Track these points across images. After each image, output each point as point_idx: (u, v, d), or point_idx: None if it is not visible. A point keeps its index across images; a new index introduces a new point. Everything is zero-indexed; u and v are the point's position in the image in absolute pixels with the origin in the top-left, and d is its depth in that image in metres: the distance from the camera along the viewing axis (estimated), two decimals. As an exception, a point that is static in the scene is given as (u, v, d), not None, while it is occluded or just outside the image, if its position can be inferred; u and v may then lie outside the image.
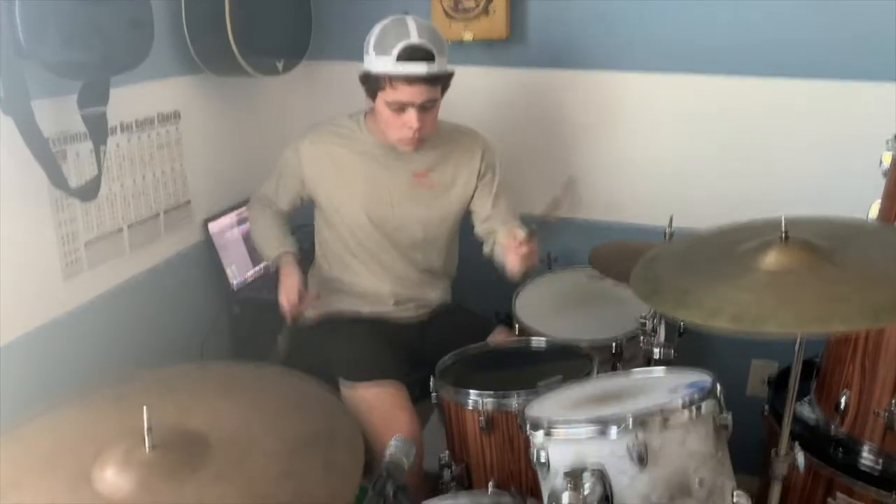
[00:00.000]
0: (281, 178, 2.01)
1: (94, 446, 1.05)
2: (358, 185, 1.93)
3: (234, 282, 2.28)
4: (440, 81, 1.79)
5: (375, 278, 2.00)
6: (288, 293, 1.87)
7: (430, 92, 1.77)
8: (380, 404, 1.80)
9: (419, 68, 1.72)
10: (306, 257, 2.12)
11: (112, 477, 1.01)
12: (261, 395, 1.26)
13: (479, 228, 2.02)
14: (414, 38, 1.72)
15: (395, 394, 1.82)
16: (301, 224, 2.16)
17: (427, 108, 1.79)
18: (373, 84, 1.79)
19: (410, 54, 1.71)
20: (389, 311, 2.04)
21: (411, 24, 1.74)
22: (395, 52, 1.71)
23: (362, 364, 1.87)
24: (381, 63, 1.74)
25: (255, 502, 1.00)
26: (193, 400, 1.18)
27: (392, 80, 1.74)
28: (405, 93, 1.75)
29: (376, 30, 1.77)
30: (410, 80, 1.73)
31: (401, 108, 1.78)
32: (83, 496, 0.98)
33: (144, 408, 1.00)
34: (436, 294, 2.08)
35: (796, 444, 1.39)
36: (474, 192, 2.01)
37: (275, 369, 1.62)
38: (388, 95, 1.77)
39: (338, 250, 2.01)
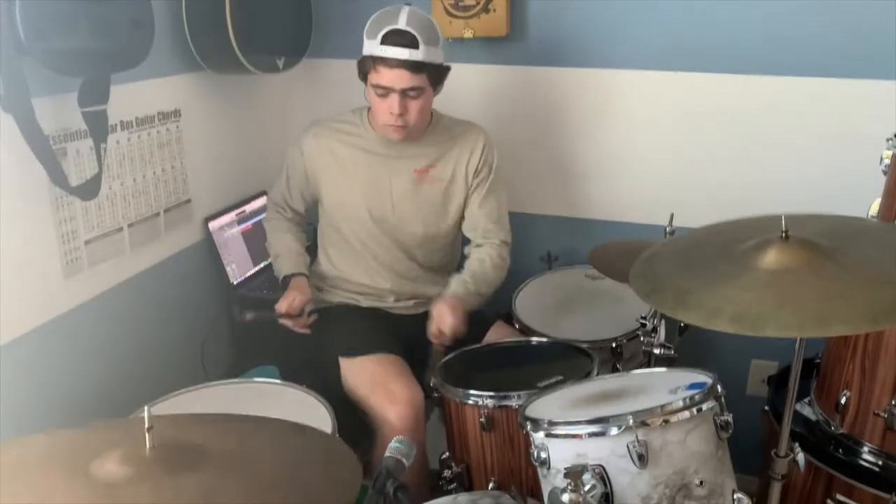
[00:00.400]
0: (290, 177, 2.03)
1: (90, 450, 1.04)
2: (359, 181, 1.94)
3: (235, 281, 2.28)
4: (424, 70, 1.79)
5: (376, 274, 2.00)
6: (290, 304, 1.89)
7: (413, 79, 1.77)
8: (380, 373, 1.81)
9: (400, 53, 1.74)
10: (310, 253, 2.12)
11: (111, 468, 1.00)
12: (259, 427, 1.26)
13: (464, 225, 2.03)
14: (400, 24, 1.75)
15: (395, 363, 1.84)
16: (306, 216, 2.15)
17: (411, 96, 1.80)
18: (362, 67, 1.83)
19: (393, 39, 1.75)
20: (389, 306, 2.04)
21: (404, 12, 1.77)
22: (381, 35, 1.75)
23: (359, 339, 1.90)
24: (368, 46, 1.79)
25: (256, 497, 0.99)
26: (191, 420, 1.18)
27: (375, 62, 1.77)
28: (386, 77, 1.77)
29: (372, 16, 1.81)
30: (391, 63, 1.76)
31: (384, 92, 1.80)
32: (81, 486, 0.98)
33: (146, 407, 0.99)
34: (436, 291, 2.07)
35: (796, 443, 1.39)
36: (468, 188, 2.00)
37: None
38: (372, 78, 1.80)
39: (339, 246, 2.01)
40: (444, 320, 1.81)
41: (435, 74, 1.83)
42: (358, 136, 1.94)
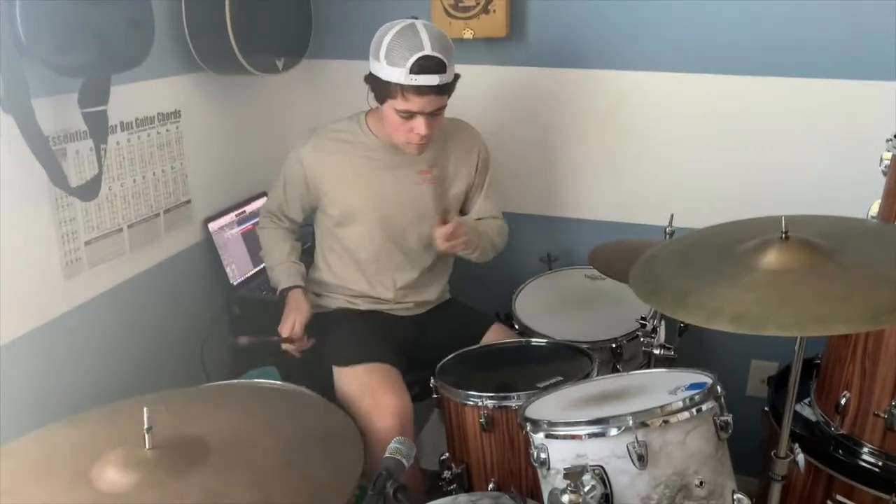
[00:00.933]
0: (287, 187, 2.00)
1: (90, 454, 1.04)
2: (365, 190, 1.92)
3: (235, 281, 2.28)
4: (449, 89, 1.79)
5: (377, 282, 2.00)
6: (290, 329, 1.88)
7: (440, 100, 1.78)
8: (368, 383, 1.81)
9: (432, 80, 1.71)
10: (306, 258, 2.12)
11: (112, 476, 1.00)
12: (255, 404, 1.26)
13: (469, 214, 2.08)
14: (427, 50, 1.70)
15: (385, 373, 1.83)
16: (302, 224, 2.16)
17: (436, 115, 1.80)
18: (382, 91, 1.78)
19: (423, 67, 1.70)
20: (389, 308, 2.04)
21: (423, 33, 1.72)
22: (409, 64, 1.69)
23: (352, 348, 1.89)
24: (393, 74, 1.72)
25: (259, 492, 0.99)
26: (189, 413, 1.18)
27: (404, 90, 1.73)
28: (416, 103, 1.74)
29: (387, 38, 1.73)
30: (422, 91, 1.72)
31: (410, 115, 1.78)
32: (83, 496, 0.98)
33: (145, 409, 0.99)
34: (435, 291, 2.08)
35: (796, 444, 1.39)
36: (470, 188, 2.04)
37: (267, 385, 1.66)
38: (398, 104, 1.76)
39: (339, 254, 2.00)
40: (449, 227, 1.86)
41: (453, 86, 1.82)
42: (359, 144, 1.93)
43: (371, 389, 1.80)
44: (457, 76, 1.82)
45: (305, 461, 1.06)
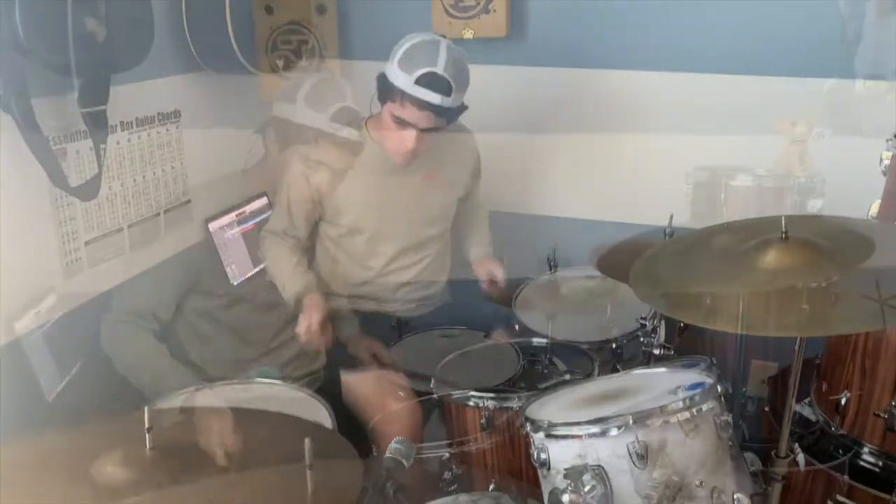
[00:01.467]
0: (292, 205, 1.96)
1: (89, 452, 1.04)
2: (373, 200, 1.92)
3: (235, 281, 2.27)
4: (450, 114, 1.78)
5: (383, 282, 2.01)
6: (312, 323, 1.81)
7: (437, 121, 1.77)
8: (378, 392, 1.81)
9: (433, 98, 1.71)
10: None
11: (111, 475, 1.00)
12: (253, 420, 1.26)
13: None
14: (439, 68, 1.70)
15: (394, 381, 1.83)
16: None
17: (427, 132, 1.79)
18: (385, 92, 1.78)
19: (429, 82, 1.70)
20: (394, 310, 2.05)
21: (443, 51, 1.72)
22: (417, 74, 1.70)
23: (360, 353, 1.90)
24: (400, 78, 1.72)
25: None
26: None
27: (404, 97, 1.73)
28: (412, 115, 1.74)
29: (408, 43, 1.75)
30: (420, 105, 1.72)
31: (404, 124, 1.77)
32: (82, 495, 0.98)
33: (146, 408, 0.99)
34: (436, 291, 2.09)
35: (796, 444, 1.39)
36: (468, 188, 2.08)
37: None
38: (395, 109, 1.76)
39: (344, 261, 2.00)
40: (495, 274, 2.04)
41: (455, 114, 1.81)
42: (362, 155, 1.91)
43: (381, 399, 1.80)
44: (463, 106, 1.80)
45: (303, 472, 1.05)
